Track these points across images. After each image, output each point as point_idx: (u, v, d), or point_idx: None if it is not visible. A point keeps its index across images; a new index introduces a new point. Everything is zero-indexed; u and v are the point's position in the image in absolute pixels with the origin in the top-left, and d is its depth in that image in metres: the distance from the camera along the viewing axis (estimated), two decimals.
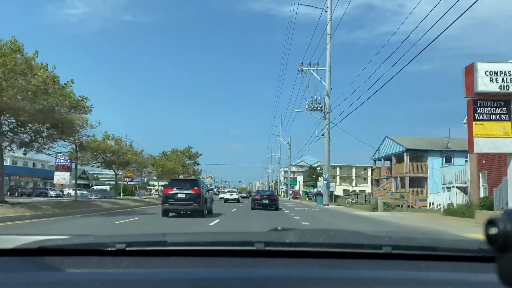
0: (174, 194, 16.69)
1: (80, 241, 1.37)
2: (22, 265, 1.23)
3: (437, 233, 10.39)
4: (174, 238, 1.35)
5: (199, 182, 18.15)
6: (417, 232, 6.22)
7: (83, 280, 1.07)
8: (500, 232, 0.65)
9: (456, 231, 11.78)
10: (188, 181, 18.86)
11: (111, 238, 1.38)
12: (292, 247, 1.32)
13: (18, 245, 1.31)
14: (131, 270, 1.19)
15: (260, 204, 25.79)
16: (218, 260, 1.27)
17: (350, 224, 15.23)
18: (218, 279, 1.10)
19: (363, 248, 1.32)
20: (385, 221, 17.15)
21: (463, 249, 1.37)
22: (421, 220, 17.58)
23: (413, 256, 1.32)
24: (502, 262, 0.66)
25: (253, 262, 1.27)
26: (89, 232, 8.35)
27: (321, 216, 20.48)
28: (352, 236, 1.41)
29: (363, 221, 17.35)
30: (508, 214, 0.66)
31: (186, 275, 1.13)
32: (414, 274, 1.18)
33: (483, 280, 1.11)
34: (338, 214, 22.96)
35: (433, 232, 10.91)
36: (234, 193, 46.00)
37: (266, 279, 1.10)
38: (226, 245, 1.35)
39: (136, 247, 1.32)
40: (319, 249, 1.32)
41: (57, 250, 1.31)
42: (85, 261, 1.24)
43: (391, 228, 13.73)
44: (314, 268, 1.23)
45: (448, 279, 1.13)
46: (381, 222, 17.04)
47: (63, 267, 1.20)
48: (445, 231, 11.77)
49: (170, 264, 1.24)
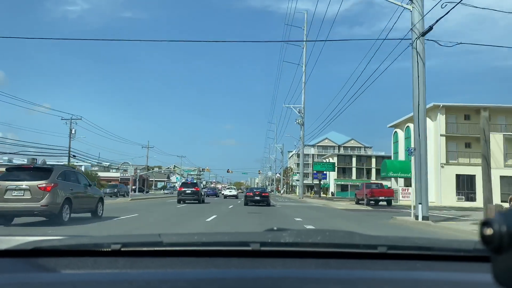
0: (184, 191, 29.14)
1: (75, 242, 1.36)
2: (17, 266, 1.21)
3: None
4: (170, 238, 1.34)
5: (198, 184, 33.06)
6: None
7: (78, 281, 1.06)
8: (496, 233, 0.65)
9: None
10: (192, 184, 32.42)
11: (106, 238, 1.37)
12: (288, 247, 1.31)
13: (13, 246, 1.30)
14: (126, 270, 1.18)
15: (252, 200, 26.65)
16: (214, 260, 1.27)
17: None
18: (214, 279, 1.10)
19: (359, 248, 1.32)
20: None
21: (458, 249, 1.37)
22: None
23: (408, 256, 1.33)
24: (497, 263, 0.67)
25: (249, 262, 1.27)
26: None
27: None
28: (348, 236, 1.41)
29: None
30: (503, 215, 0.66)
31: (182, 276, 1.13)
32: (410, 274, 1.18)
33: (478, 280, 1.12)
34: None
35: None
36: (233, 190, 51.21)
37: (262, 279, 1.10)
38: (222, 246, 1.34)
39: (132, 247, 1.31)
40: (315, 249, 1.31)
41: (52, 251, 1.31)
42: (80, 262, 1.23)
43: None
44: (310, 268, 1.22)
45: (443, 279, 1.13)
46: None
47: (58, 268, 1.19)
48: None
49: (166, 265, 1.23)
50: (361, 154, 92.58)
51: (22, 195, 11.21)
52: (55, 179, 11.71)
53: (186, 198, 28.70)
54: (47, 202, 11.19)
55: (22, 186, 11.27)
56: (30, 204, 11.13)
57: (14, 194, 11.20)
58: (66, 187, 12.09)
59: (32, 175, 11.65)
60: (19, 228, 11.04)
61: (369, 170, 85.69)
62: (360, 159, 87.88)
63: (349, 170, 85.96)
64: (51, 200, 11.30)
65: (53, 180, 11.57)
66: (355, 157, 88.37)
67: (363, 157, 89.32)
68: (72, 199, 12.22)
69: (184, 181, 50.09)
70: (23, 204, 11.14)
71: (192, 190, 28.90)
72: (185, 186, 29.94)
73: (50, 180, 11.50)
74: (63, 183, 12.02)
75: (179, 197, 28.89)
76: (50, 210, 11.29)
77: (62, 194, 11.73)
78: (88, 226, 11.46)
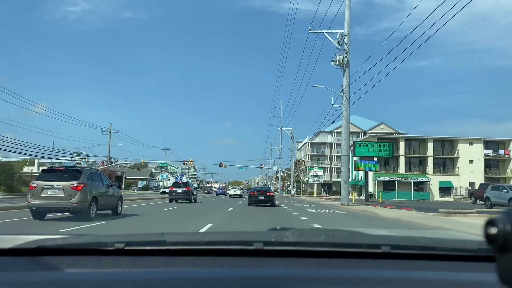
0: (175, 190, 30.14)
1: (79, 241, 1.37)
2: (21, 264, 1.23)
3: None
4: (173, 237, 1.34)
5: (190, 183, 32.47)
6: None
7: (81, 280, 1.07)
8: (500, 232, 0.64)
9: None
10: (183, 183, 32.82)
11: (109, 237, 1.36)
12: (291, 246, 1.31)
13: (17, 245, 1.31)
14: (130, 269, 1.19)
15: (256, 200, 25.70)
16: (217, 259, 1.27)
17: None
18: (217, 278, 1.11)
19: (362, 248, 1.32)
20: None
21: (462, 249, 1.37)
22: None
23: (412, 256, 1.33)
24: (501, 262, 0.66)
25: (252, 261, 1.27)
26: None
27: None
28: (352, 235, 1.41)
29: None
30: (507, 214, 0.66)
31: (185, 275, 1.13)
32: (413, 274, 1.18)
33: (482, 280, 1.11)
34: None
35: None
36: (237, 189, 57.25)
37: (265, 278, 1.10)
38: (225, 245, 1.34)
39: (135, 246, 1.32)
40: (318, 248, 1.31)
41: (56, 249, 1.31)
42: (84, 261, 1.24)
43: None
44: (313, 268, 1.23)
45: (447, 278, 1.13)
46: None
47: (62, 266, 1.20)
48: None
49: (169, 264, 1.24)
50: (411, 137, 63.28)
51: (57, 194, 12.69)
52: (84, 179, 13.14)
53: (177, 197, 29.73)
54: (78, 200, 12.65)
55: (57, 186, 12.74)
56: (63, 202, 12.63)
57: (50, 192, 12.66)
58: (93, 187, 13.50)
59: (65, 176, 13.16)
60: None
61: (423, 160, 60.73)
62: (410, 145, 61.04)
63: (394, 161, 57.90)
64: (82, 198, 12.74)
65: (83, 181, 13.02)
66: (403, 140, 61.01)
67: (413, 142, 61.52)
68: (98, 198, 13.63)
69: (176, 181, 50.82)
70: (58, 202, 12.64)
71: (183, 189, 29.78)
72: (177, 186, 31.03)
73: (80, 180, 12.95)
74: (90, 183, 13.43)
75: (171, 197, 29.94)
76: (80, 207, 12.76)
77: (90, 193, 13.17)
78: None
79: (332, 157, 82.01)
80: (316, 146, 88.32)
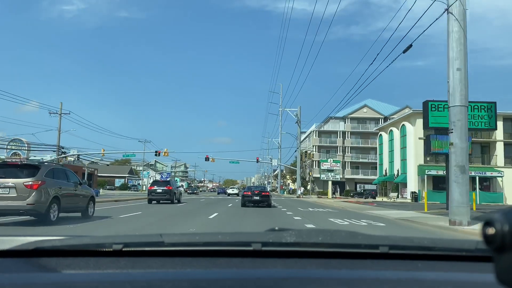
0: (155, 190, 27.04)
1: (77, 242, 1.37)
2: (19, 266, 1.22)
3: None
4: (172, 238, 1.34)
5: (172, 182, 28.76)
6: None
7: (79, 281, 1.07)
8: (498, 233, 0.64)
9: None
10: (164, 182, 29.01)
11: (108, 238, 1.37)
12: (290, 247, 1.31)
13: (14, 246, 1.31)
14: (128, 270, 1.19)
15: (251, 201, 23.57)
16: (216, 260, 1.27)
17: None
18: (216, 279, 1.11)
19: (360, 248, 1.33)
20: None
21: (460, 249, 1.37)
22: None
23: (410, 256, 1.33)
24: (499, 262, 0.67)
25: (251, 262, 1.27)
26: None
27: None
28: (350, 236, 1.41)
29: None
30: (505, 214, 0.66)
31: (183, 276, 1.14)
32: (411, 274, 1.19)
33: (480, 280, 1.12)
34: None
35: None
36: (235, 189, 62.31)
37: (264, 279, 1.11)
38: (223, 246, 1.34)
39: (133, 247, 1.31)
40: (316, 249, 1.32)
41: (53, 251, 1.31)
42: (82, 262, 1.24)
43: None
44: (312, 268, 1.23)
45: (445, 279, 1.14)
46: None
47: (60, 268, 1.19)
48: None
49: (168, 265, 1.24)
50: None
51: (7, 193, 10.60)
52: (43, 176, 11.09)
53: (157, 197, 26.85)
54: (33, 200, 10.61)
55: (7, 184, 10.65)
56: (15, 203, 10.54)
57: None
58: (55, 185, 11.46)
59: (18, 172, 11.04)
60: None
61: (486, 147, 42.76)
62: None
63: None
64: (38, 198, 10.70)
65: (40, 178, 10.95)
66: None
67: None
68: (61, 198, 11.61)
69: (161, 179, 48.39)
70: (8, 203, 10.53)
71: (163, 189, 26.87)
72: (156, 185, 27.83)
73: (37, 177, 10.88)
74: (51, 181, 11.38)
75: (149, 197, 27.09)
76: (36, 209, 10.68)
77: (49, 193, 11.11)
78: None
79: (345, 149, 65.33)
80: (325, 135, 68.46)
